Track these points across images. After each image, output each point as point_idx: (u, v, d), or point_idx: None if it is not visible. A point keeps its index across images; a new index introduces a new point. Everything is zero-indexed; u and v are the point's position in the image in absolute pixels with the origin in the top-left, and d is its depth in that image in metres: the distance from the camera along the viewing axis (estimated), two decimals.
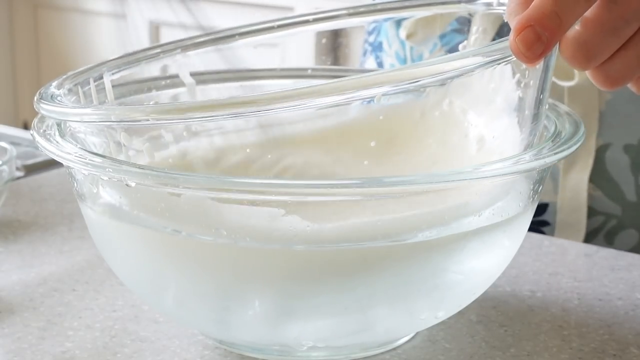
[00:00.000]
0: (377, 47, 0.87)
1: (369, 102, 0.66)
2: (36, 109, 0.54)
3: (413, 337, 0.59)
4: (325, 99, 0.47)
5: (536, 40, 0.47)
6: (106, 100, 0.62)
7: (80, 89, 0.60)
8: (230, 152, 0.65)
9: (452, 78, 0.50)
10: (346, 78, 0.47)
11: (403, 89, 0.48)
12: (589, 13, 0.49)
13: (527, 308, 0.63)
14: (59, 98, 0.55)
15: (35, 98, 0.55)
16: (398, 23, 0.82)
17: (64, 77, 0.60)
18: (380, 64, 0.87)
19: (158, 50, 0.65)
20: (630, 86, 0.52)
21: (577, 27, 0.49)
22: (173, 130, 0.63)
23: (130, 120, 0.51)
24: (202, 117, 0.49)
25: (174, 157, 0.63)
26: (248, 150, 0.65)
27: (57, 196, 0.82)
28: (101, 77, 0.62)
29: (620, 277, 0.68)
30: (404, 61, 0.83)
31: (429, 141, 0.64)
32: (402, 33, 0.80)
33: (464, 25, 0.76)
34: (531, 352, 0.58)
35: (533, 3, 0.48)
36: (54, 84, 0.58)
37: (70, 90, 0.58)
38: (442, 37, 0.79)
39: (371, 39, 0.88)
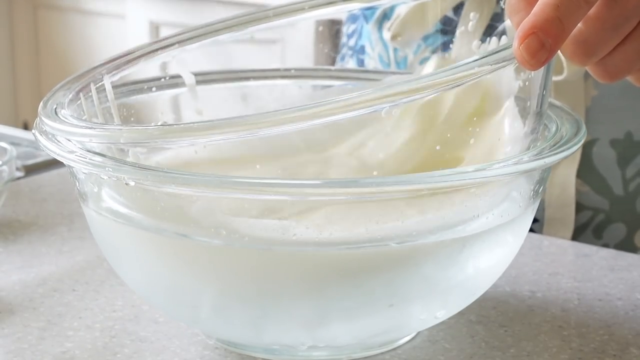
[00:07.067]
0: (359, 51, 0.86)
1: None
2: (38, 125, 0.54)
3: (413, 337, 0.59)
4: (338, 116, 0.47)
5: (540, 48, 0.47)
6: (107, 104, 0.61)
7: (82, 95, 0.60)
8: (233, 155, 0.64)
9: (461, 85, 0.50)
10: (362, 92, 0.47)
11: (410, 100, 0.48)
12: (589, 11, 0.49)
13: (527, 308, 0.63)
14: (62, 112, 0.55)
15: (39, 110, 0.55)
16: (380, 25, 0.82)
17: (65, 82, 0.60)
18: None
19: (155, 46, 0.65)
20: (630, 78, 0.52)
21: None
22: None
23: (138, 142, 0.51)
24: (210, 138, 0.49)
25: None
26: (257, 166, 0.64)
27: (57, 196, 0.82)
28: (101, 80, 0.61)
29: (620, 277, 0.68)
30: (388, 64, 0.83)
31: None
32: (387, 35, 0.79)
33: (448, 26, 0.76)
34: (531, 352, 0.58)
35: (535, 8, 0.48)
36: (55, 94, 0.58)
37: (71, 100, 0.58)
38: (426, 38, 0.78)
39: (351, 42, 0.87)
